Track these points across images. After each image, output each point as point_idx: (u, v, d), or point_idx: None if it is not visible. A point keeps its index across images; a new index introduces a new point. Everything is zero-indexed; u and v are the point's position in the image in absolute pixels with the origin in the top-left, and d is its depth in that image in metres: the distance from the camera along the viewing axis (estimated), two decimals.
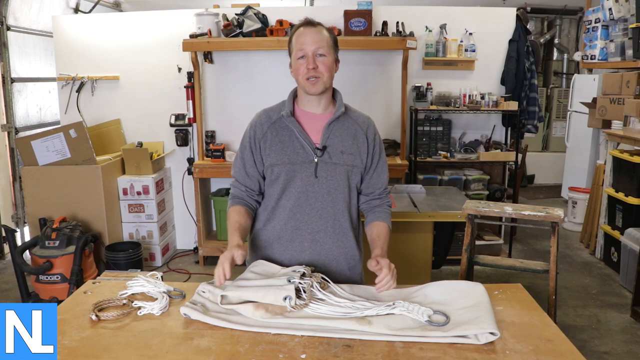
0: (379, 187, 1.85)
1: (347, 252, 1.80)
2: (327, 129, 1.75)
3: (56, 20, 4.50)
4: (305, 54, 1.68)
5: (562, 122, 7.26)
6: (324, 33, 1.72)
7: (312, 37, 1.69)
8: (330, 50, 1.71)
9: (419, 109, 4.29)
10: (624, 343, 3.09)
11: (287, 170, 1.73)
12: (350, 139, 1.76)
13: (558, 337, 1.36)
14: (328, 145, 1.74)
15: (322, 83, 1.70)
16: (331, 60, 1.72)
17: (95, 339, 1.37)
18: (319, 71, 1.68)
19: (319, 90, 1.71)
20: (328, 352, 1.29)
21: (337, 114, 1.75)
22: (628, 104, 4.14)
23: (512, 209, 2.62)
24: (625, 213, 4.04)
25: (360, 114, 1.84)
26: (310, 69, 1.67)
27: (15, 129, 4.58)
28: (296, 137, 1.74)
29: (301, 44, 1.69)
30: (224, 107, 4.45)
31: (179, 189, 4.65)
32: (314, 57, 1.68)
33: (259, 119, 1.81)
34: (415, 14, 4.35)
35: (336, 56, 1.76)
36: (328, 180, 1.73)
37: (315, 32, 1.70)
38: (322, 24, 1.75)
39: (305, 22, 1.73)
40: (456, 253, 3.61)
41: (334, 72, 1.74)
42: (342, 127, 1.76)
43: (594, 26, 5.02)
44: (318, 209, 1.75)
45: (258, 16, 4.16)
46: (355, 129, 1.78)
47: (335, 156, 1.74)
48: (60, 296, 3.44)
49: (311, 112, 1.78)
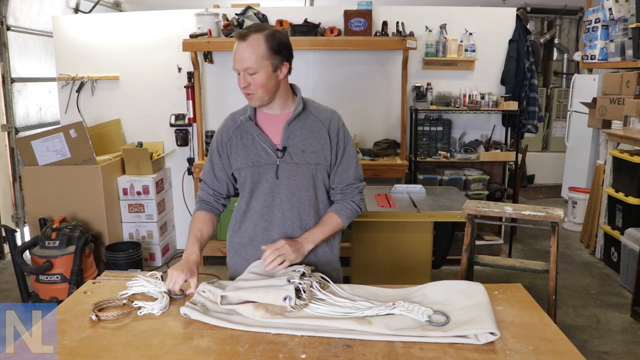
0: (343, 183, 1.81)
1: (315, 251, 1.79)
2: (287, 129, 1.74)
3: (56, 20, 4.50)
4: (237, 71, 1.67)
5: (562, 122, 7.26)
6: (255, 46, 1.62)
7: (240, 54, 1.64)
8: (262, 64, 1.63)
9: (419, 109, 4.28)
10: (624, 343, 3.09)
11: (252, 173, 1.76)
12: (312, 136, 1.74)
13: (558, 337, 1.36)
14: (288, 145, 1.73)
15: (258, 98, 1.70)
16: (264, 75, 1.64)
17: (95, 339, 1.37)
18: (250, 88, 1.67)
19: (256, 104, 1.73)
20: (328, 352, 1.29)
21: (295, 113, 1.74)
22: (628, 104, 4.14)
23: (512, 209, 2.62)
24: (625, 213, 4.04)
25: (323, 109, 1.80)
26: (242, 87, 1.67)
27: (15, 129, 4.58)
28: (258, 140, 1.74)
29: (234, 60, 1.66)
30: (224, 107, 4.45)
31: (179, 189, 4.65)
32: (244, 74, 1.65)
33: (225, 123, 1.82)
34: (415, 14, 4.35)
35: (278, 63, 1.66)
36: (290, 180, 1.74)
37: (245, 47, 1.63)
38: (259, 29, 1.65)
39: (238, 34, 1.66)
40: (456, 253, 3.61)
41: (270, 85, 1.67)
42: (302, 125, 1.75)
43: (594, 26, 5.02)
44: (284, 210, 1.76)
45: (258, 16, 4.16)
46: (317, 126, 1.75)
47: (297, 156, 1.73)
48: (60, 296, 3.44)
49: (270, 114, 1.77)
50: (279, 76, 1.69)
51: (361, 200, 1.85)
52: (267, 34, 1.65)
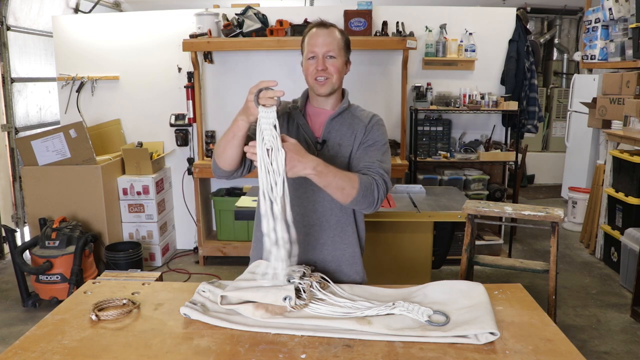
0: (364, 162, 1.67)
1: (344, 249, 1.78)
2: (329, 124, 1.77)
3: (56, 20, 4.50)
4: (316, 55, 1.71)
5: (562, 122, 7.26)
6: (336, 35, 1.74)
7: (323, 39, 1.71)
8: (340, 53, 1.73)
9: (419, 109, 4.29)
10: (624, 343, 3.09)
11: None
12: (349, 131, 1.76)
13: (558, 337, 1.36)
14: (328, 139, 1.76)
15: (331, 84, 1.73)
16: (341, 62, 1.74)
17: (95, 339, 1.37)
18: (329, 72, 1.71)
19: (327, 91, 1.73)
20: (328, 352, 1.29)
21: (340, 110, 1.78)
22: (628, 104, 4.15)
23: (512, 209, 2.62)
24: (625, 213, 4.04)
25: (367, 113, 1.83)
26: (319, 70, 1.70)
27: (15, 129, 4.58)
28: (301, 130, 1.77)
29: (312, 45, 1.72)
30: (224, 107, 4.45)
31: (179, 189, 4.65)
32: (324, 58, 1.71)
33: (283, 103, 1.82)
34: (415, 14, 4.35)
35: (347, 58, 1.78)
36: None
37: (327, 33, 1.72)
38: (335, 25, 1.78)
39: (318, 23, 1.76)
40: (456, 253, 3.62)
41: (343, 74, 1.77)
42: (343, 122, 1.78)
43: (594, 26, 5.02)
44: (313, 202, 1.74)
45: (258, 16, 4.16)
46: (357, 123, 1.78)
47: (334, 149, 1.75)
48: (60, 296, 3.44)
49: (320, 108, 1.81)
50: (344, 71, 1.77)
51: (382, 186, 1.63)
52: (341, 31, 1.78)
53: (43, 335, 1.38)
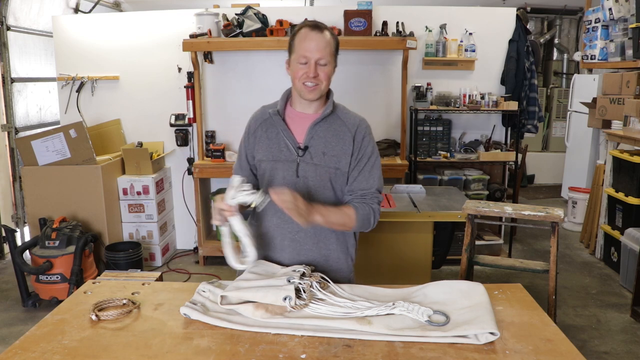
0: (362, 189, 1.74)
1: (328, 255, 1.78)
2: (312, 130, 1.73)
3: (56, 20, 4.50)
4: (308, 61, 1.67)
5: (562, 122, 7.26)
6: (328, 39, 1.68)
7: (317, 44, 1.66)
8: (331, 59, 1.70)
9: (419, 109, 4.29)
10: (624, 343, 3.09)
11: (271, 167, 1.75)
12: (335, 140, 1.73)
13: (558, 337, 1.36)
14: (310, 145, 1.72)
15: (320, 91, 1.71)
16: (331, 69, 1.71)
17: (95, 339, 1.37)
18: (319, 79, 1.68)
19: (315, 97, 1.71)
20: (328, 352, 1.29)
21: (323, 115, 1.74)
22: (628, 104, 4.15)
23: (512, 209, 2.62)
24: (625, 213, 4.04)
25: (352, 115, 1.79)
26: (310, 76, 1.67)
27: (15, 129, 4.58)
28: (282, 135, 1.74)
29: (305, 49, 1.66)
30: (224, 107, 4.45)
31: (179, 189, 4.65)
32: (316, 65, 1.67)
33: (255, 115, 1.84)
34: (415, 14, 4.35)
35: (335, 63, 1.74)
36: (309, 180, 1.72)
37: (321, 38, 1.67)
38: (326, 26, 1.72)
39: (311, 25, 1.69)
40: (456, 253, 3.62)
41: (331, 79, 1.74)
42: (328, 128, 1.74)
43: (594, 26, 5.02)
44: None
45: (258, 16, 4.16)
46: (343, 131, 1.74)
47: (317, 157, 1.72)
48: (60, 296, 3.44)
49: (302, 112, 1.77)
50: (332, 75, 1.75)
51: (378, 211, 1.76)
52: (332, 32, 1.73)
53: (43, 335, 1.38)
